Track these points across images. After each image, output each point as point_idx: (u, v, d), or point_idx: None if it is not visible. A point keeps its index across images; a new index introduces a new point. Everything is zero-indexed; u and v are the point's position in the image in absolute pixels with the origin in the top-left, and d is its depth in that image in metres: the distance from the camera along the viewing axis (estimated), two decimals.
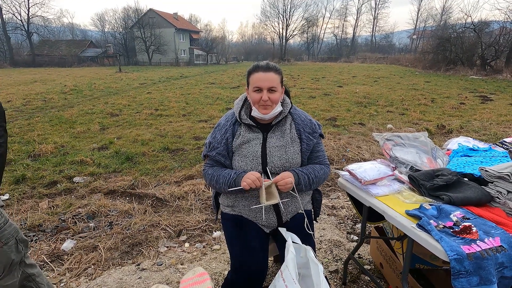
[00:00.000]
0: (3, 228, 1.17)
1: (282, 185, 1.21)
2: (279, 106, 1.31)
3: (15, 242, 1.21)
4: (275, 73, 1.29)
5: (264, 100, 1.26)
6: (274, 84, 1.27)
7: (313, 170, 1.32)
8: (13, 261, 1.20)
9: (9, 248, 1.19)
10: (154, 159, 4.48)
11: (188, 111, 8.19)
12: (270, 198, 1.19)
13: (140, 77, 19.96)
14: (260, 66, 1.31)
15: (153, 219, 2.74)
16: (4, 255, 1.17)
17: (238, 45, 78.65)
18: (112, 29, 47.90)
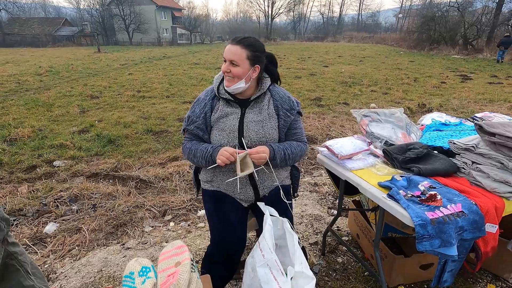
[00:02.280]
0: None
1: (256, 158, 1.22)
2: (242, 83, 1.28)
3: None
4: (242, 47, 1.25)
5: (223, 70, 1.27)
6: (234, 58, 1.24)
7: (290, 146, 1.35)
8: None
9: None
10: (137, 142, 4.42)
11: (171, 92, 8.01)
12: (245, 169, 1.22)
13: (121, 57, 19.16)
14: (234, 38, 1.29)
15: (137, 201, 2.75)
16: None
17: (223, 23, 76.20)
18: (88, 6, 45.11)
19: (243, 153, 1.22)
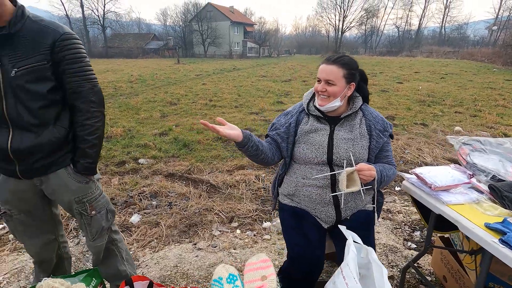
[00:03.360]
0: (98, 199, 1.36)
1: (367, 176, 1.19)
2: (337, 101, 1.27)
3: (106, 211, 1.41)
4: (338, 66, 1.26)
5: (319, 90, 1.28)
6: (331, 77, 1.25)
7: (384, 168, 1.29)
8: (103, 227, 1.40)
9: (101, 216, 1.38)
10: (208, 148, 4.72)
11: (240, 103, 8.41)
12: (350, 185, 1.18)
13: (196, 68, 20.99)
14: (328, 58, 1.30)
15: (207, 204, 2.92)
16: (97, 222, 1.37)
17: (291, 37, 77.55)
18: (173, 23, 51.00)
19: (351, 168, 1.19)
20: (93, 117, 1.24)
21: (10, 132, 1.15)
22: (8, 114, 1.13)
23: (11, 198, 1.28)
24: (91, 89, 1.22)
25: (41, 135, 1.17)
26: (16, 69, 1.09)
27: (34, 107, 1.14)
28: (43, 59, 1.11)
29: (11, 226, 1.36)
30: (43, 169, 1.23)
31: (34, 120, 1.15)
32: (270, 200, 3.03)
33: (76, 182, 1.28)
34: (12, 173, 1.22)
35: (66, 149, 1.26)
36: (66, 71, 1.16)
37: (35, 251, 1.43)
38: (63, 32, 1.14)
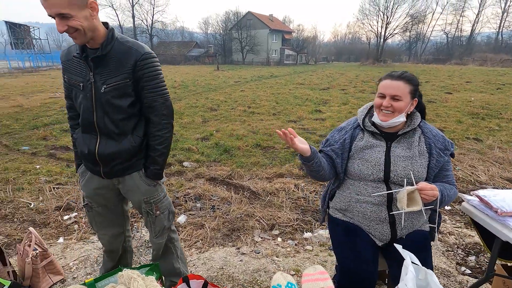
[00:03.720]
0: (162, 201, 1.50)
1: (429, 195, 1.16)
2: (401, 117, 1.27)
3: (168, 212, 1.54)
4: (404, 82, 1.26)
5: (384, 106, 1.27)
6: (398, 93, 1.25)
7: (445, 188, 1.25)
8: (165, 226, 1.54)
9: (164, 216, 1.52)
10: (247, 154, 4.83)
11: (277, 110, 8.48)
12: (410, 205, 1.16)
13: (235, 75, 21.58)
14: (391, 74, 1.30)
15: (248, 210, 2.99)
16: (160, 221, 1.51)
17: (329, 44, 76.34)
18: (214, 31, 53.07)
19: (412, 187, 1.17)
20: (163, 129, 1.38)
21: (97, 139, 1.34)
22: (97, 124, 1.31)
23: (93, 193, 1.47)
24: (164, 103, 1.36)
25: (121, 142, 1.34)
26: (105, 86, 1.25)
27: (117, 119, 1.30)
28: (126, 77, 1.26)
29: (90, 217, 1.55)
30: (121, 171, 1.39)
31: (117, 129, 1.32)
32: (310, 210, 3.03)
33: (146, 184, 1.43)
34: (97, 173, 1.40)
35: (140, 155, 1.42)
36: (144, 87, 1.30)
37: (107, 240, 1.61)
38: (144, 52, 1.27)
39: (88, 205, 1.51)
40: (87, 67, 1.26)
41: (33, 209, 2.95)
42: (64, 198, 3.14)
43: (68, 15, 1.08)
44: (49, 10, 1.08)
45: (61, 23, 1.09)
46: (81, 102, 1.31)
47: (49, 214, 2.85)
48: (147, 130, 1.39)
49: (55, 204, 3.03)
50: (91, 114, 1.30)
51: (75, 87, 1.31)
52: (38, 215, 2.84)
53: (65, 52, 1.36)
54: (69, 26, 1.10)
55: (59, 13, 1.07)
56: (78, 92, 1.31)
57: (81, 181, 1.49)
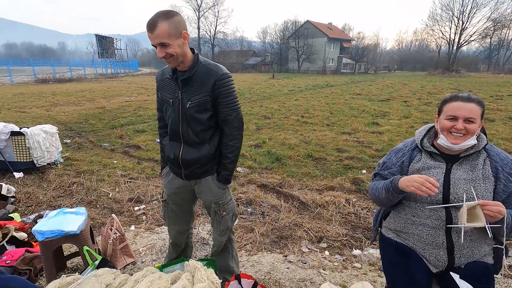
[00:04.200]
0: (229, 203, 1.69)
1: (493, 211, 1.09)
2: (473, 139, 1.23)
3: (232, 214, 1.73)
4: (476, 104, 1.23)
5: (458, 128, 1.22)
6: (473, 115, 1.21)
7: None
8: (229, 226, 1.73)
9: (229, 217, 1.70)
10: (299, 164, 4.88)
11: (331, 121, 8.32)
12: (472, 220, 1.10)
13: (289, 84, 21.73)
14: (461, 96, 1.26)
15: (296, 219, 3.05)
16: (225, 222, 1.70)
17: (392, 52, 71.80)
18: (271, 40, 54.31)
19: (472, 202, 1.12)
20: (234, 139, 1.57)
21: (181, 146, 1.59)
22: (182, 134, 1.56)
23: (173, 192, 1.73)
24: (236, 117, 1.55)
25: (200, 150, 1.56)
26: (190, 102, 1.49)
27: (198, 130, 1.53)
28: (206, 95, 1.48)
29: (166, 211, 1.81)
30: (199, 174, 1.62)
31: (197, 139, 1.55)
32: (360, 227, 2.95)
33: (217, 187, 1.64)
34: (179, 175, 1.65)
35: (214, 161, 1.62)
36: (220, 103, 1.51)
37: (174, 234, 1.85)
38: (222, 73, 1.48)
39: (166, 201, 1.78)
40: (176, 86, 1.51)
41: (111, 198, 3.45)
42: (135, 191, 3.60)
43: (167, 44, 1.33)
44: (153, 41, 1.34)
45: (161, 51, 1.35)
46: (170, 115, 1.58)
47: (123, 204, 3.30)
48: (220, 140, 1.59)
49: (128, 196, 3.49)
50: (177, 125, 1.55)
51: (166, 102, 1.58)
52: (115, 204, 3.32)
53: (159, 73, 1.64)
54: (166, 52, 1.36)
55: (161, 43, 1.33)
56: (168, 106, 1.58)
57: (165, 181, 1.76)
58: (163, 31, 1.31)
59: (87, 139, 6.46)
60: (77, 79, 26.17)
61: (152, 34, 1.32)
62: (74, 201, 3.37)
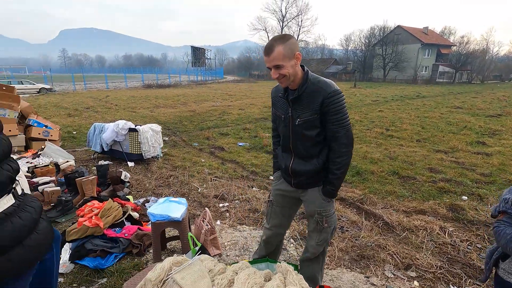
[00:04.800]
0: (331, 216, 1.73)
1: None
2: None
3: (333, 228, 1.76)
4: None
5: None
6: None
7: None
8: (327, 238, 1.78)
9: (329, 229, 1.75)
10: (382, 180, 4.53)
11: (423, 136, 7.44)
12: None
13: (373, 93, 20.33)
14: None
15: (379, 240, 2.84)
16: (325, 233, 1.75)
17: (507, 59, 60.02)
18: (355, 48, 51.82)
19: None
20: (342, 156, 1.58)
21: (292, 158, 1.71)
22: (292, 147, 1.68)
23: (279, 194, 1.87)
24: (345, 134, 1.56)
25: (309, 163, 1.65)
26: (299, 119, 1.58)
27: (307, 145, 1.63)
28: (315, 113, 1.54)
29: (269, 211, 1.95)
30: (306, 185, 1.72)
31: (306, 153, 1.65)
32: (460, 261, 2.56)
33: (321, 199, 1.70)
34: (289, 182, 1.79)
35: (321, 175, 1.69)
36: (329, 120, 1.54)
37: (270, 234, 1.96)
38: (330, 91, 1.50)
39: (271, 201, 1.92)
40: (287, 104, 1.63)
41: (200, 193, 3.86)
42: (220, 189, 3.93)
43: (281, 66, 1.45)
44: (269, 63, 1.47)
45: (275, 72, 1.48)
46: (281, 129, 1.71)
47: (209, 199, 3.65)
48: (329, 155, 1.64)
49: (214, 193, 3.84)
50: (288, 140, 1.68)
51: (278, 118, 1.72)
52: (203, 198, 3.69)
53: (274, 90, 1.78)
54: (279, 73, 1.47)
55: (276, 65, 1.45)
56: (280, 121, 1.71)
57: (275, 183, 1.91)
58: (278, 54, 1.42)
59: (180, 138, 7.35)
60: (174, 85, 30.02)
61: (269, 57, 1.44)
62: (171, 191, 3.89)
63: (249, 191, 3.92)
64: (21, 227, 1.08)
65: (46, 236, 1.21)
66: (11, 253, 1.04)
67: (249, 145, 6.62)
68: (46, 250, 1.20)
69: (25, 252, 1.08)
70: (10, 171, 1.12)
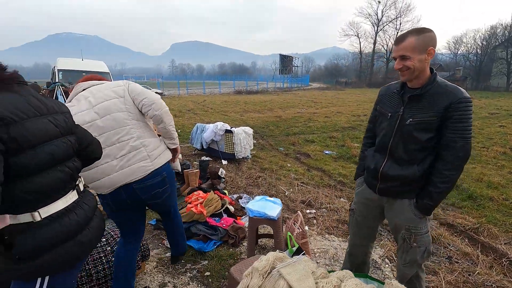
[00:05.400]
0: (423, 235, 1.53)
1: None
2: None
3: (425, 249, 1.55)
4: None
5: None
6: None
7: None
8: (417, 261, 1.56)
9: (419, 251, 1.54)
10: (506, 210, 3.71)
11: None
12: None
13: (490, 105, 16.95)
14: None
15: (502, 282, 2.33)
16: (413, 253, 1.56)
17: None
18: (467, 51, 44.13)
19: None
20: (453, 169, 1.40)
21: (385, 159, 1.59)
22: (390, 148, 1.55)
23: (362, 202, 1.77)
24: (463, 146, 1.38)
25: (406, 169, 1.50)
26: (411, 119, 1.46)
27: (411, 148, 1.49)
28: (434, 116, 1.40)
29: (351, 220, 1.87)
30: (394, 193, 1.57)
31: (406, 156, 1.50)
32: None
33: (412, 214, 1.52)
34: (373, 187, 1.67)
35: (417, 185, 1.52)
36: (448, 126, 1.39)
37: (352, 244, 1.88)
38: (462, 96, 1.36)
39: (353, 210, 1.83)
40: (400, 101, 1.53)
41: (287, 196, 3.93)
42: (307, 196, 3.92)
43: (408, 57, 1.38)
44: (395, 53, 1.42)
45: (399, 63, 1.41)
46: (383, 127, 1.59)
47: (296, 204, 3.68)
48: (433, 165, 1.47)
49: (300, 198, 3.85)
50: (388, 139, 1.55)
51: (382, 115, 1.62)
52: (290, 202, 3.74)
53: (384, 88, 1.72)
54: (404, 65, 1.40)
55: (402, 55, 1.39)
56: (383, 119, 1.61)
57: (357, 189, 1.82)
58: (408, 44, 1.35)
59: (267, 142, 7.65)
60: (261, 91, 31.50)
61: (398, 46, 1.39)
62: (260, 191, 4.09)
63: (337, 201, 3.79)
64: (76, 223, 1.12)
65: (97, 233, 1.24)
66: (64, 247, 1.07)
67: (336, 154, 6.39)
68: (95, 246, 1.25)
69: (77, 247, 1.11)
70: (72, 169, 1.15)
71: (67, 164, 1.13)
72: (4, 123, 0.91)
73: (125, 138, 1.69)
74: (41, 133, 1.02)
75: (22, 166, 0.96)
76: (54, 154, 1.06)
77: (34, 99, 1.06)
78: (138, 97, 1.78)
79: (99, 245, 1.98)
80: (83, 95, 1.73)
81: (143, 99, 1.77)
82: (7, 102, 0.96)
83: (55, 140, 1.08)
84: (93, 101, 1.69)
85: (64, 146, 1.11)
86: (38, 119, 1.03)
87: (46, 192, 1.03)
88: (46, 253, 1.02)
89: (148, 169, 1.70)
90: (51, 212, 1.05)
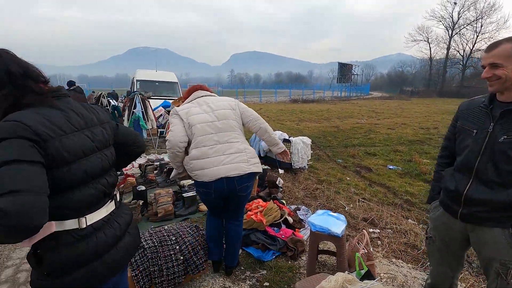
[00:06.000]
0: None
1: None
2: None
3: None
4: None
5: None
6: None
7: None
8: None
9: None
10: None
11: None
12: None
13: None
14: None
15: None
16: None
17: None
18: None
19: None
20: None
21: (470, 181, 1.40)
22: (477, 168, 1.37)
23: (441, 228, 1.58)
24: None
25: (497, 192, 1.31)
26: (505, 137, 1.29)
27: (504, 169, 1.30)
28: None
29: (429, 249, 1.69)
30: (482, 220, 1.38)
31: (498, 179, 1.32)
32: None
33: (508, 246, 1.31)
34: (452, 212, 1.49)
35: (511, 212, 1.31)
36: None
37: (435, 275, 1.68)
38: None
39: (431, 238, 1.64)
40: (489, 117, 1.36)
41: (346, 212, 3.73)
42: (369, 213, 3.67)
43: (499, 65, 1.25)
44: (485, 60, 1.30)
45: (488, 71, 1.28)
46: (467, 145, 1.42)
47: (358, 221, 3.47)
48: None
49: (362, 215, 3.62)
50: (475, 158, 1.38)
51: (465, 132, 1.46)
52: (351, 218, 3.55)
53: (466, 103, 1.55)
54: (494, 74, 1.27)
55: (492, 63, 1.26)
56: (466, 137, 1.45)
57: (432, 214, 1.65)
58: (502, 51, 1.23)
59: (324, 153, 7.43)
60: (318, 100, 30.90)
61: (488, 53, 1.28)
62: (318, 204, 3.97)
63: (404, 222, 3.46)
64: (104, 243, 1.08)
65: (125, 252, 1.18)
66: (88, 267, 1.04)
67: (402, 169, 5.88)
68: (123, 266, 1.18)
69: (102, 268, 1.08)
70: (105, 186, 1.13)
71: (100, 180, 1.12)
72: (41, 139, 0.91)
73: (234, 140, 2.11)
74: (77, 150, 1.02)
75: (55, 182, 0.94)
76: (88, 171, 1.05)
77: (73, 113, 1.06)
78: (247, 112, 2.24)
79: (170, 243, 2.14)
80: (203, 100, 2.17)
81: (251, 115, 2.24)
82: (44, 118, 0.95)
83: (90, 156, 1.07)
84: (214, 107, 2.14)
85: (99, 161, 1.11)
86: (75, 134, 1.03)
87: (75, 208, 1.02)
88: (74, 271, 1.02)
89: (246, 170, 2.08)
90: (94, 220, 1.08)
